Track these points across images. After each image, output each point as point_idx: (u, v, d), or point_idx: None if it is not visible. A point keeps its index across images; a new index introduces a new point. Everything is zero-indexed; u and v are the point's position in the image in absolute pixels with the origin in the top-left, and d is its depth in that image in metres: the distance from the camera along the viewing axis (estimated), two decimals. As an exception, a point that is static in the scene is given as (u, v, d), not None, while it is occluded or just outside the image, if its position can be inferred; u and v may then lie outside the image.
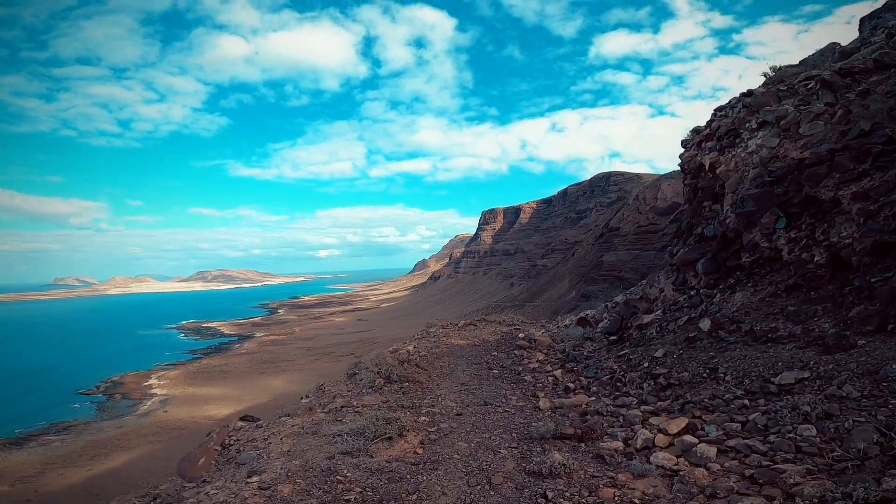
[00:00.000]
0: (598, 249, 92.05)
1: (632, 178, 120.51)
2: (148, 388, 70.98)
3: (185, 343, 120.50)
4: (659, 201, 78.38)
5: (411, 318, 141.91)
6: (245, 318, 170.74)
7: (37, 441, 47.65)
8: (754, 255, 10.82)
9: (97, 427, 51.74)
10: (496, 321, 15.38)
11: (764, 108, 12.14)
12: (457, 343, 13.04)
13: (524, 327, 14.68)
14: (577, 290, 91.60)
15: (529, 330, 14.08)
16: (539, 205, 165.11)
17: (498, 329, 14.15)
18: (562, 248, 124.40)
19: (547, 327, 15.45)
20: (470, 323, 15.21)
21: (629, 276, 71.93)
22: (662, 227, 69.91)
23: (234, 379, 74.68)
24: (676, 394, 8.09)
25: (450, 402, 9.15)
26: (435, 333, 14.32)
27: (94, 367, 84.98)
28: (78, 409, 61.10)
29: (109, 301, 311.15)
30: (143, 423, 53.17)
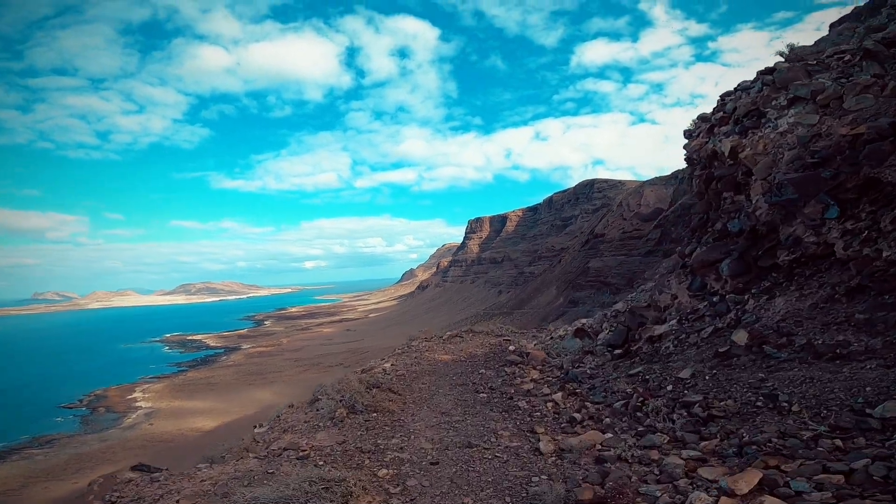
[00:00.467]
0: (585, 256, 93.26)
1: (615, 184, 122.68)
2: (132, 401, 69.72)
3: (170, 356, 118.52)
4: (642, 207, 79.93)
5: (399, 328, 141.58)
6: (231, 330, 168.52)
7: (19, 455, 46.53)
8: (795, 253, 9.07)
9: (81, 440, 50.70)
10: (484, 332, 14.57)
11: (794, 84, 10.64)
12: (440, 359, 11.73)
13: (514, 338, 13.76)
14: (564, 297, 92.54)
15: (520, 341, 13.12)
16: (525, 213, 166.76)
17: (486, 341, 13.23)
18: (548, 256, 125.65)
19: (539, 338, 14.43)
20: (456, 335, 14.31)
21: (615, 282, 73.09)
22: (646, 233, 71.35)
23: (220, 391, 73.75)
24: (725, 430, 6.17)
25: (424, 441, 7.32)
26: (417, 348, 13.22)
27: (76, 381, 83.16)
28: (61, 422, 59.74)
29: (91, 315, 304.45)
30: (127, 436, 52.26)
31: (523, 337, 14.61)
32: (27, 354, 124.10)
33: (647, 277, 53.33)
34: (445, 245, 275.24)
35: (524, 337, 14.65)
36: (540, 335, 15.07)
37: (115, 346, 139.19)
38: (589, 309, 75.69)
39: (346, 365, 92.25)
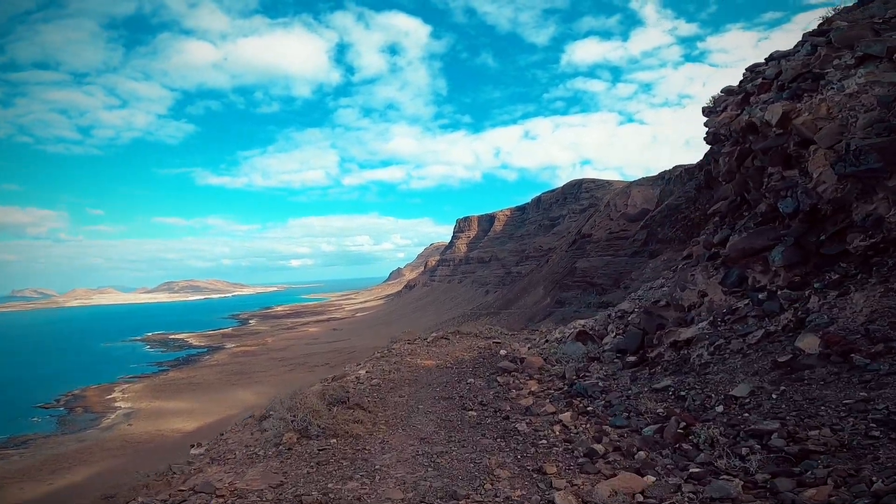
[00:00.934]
0: (572, 256, 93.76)
1: (603, 184, 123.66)
2: (111, 401, 68.25)
3: (151, 355, 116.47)
4: (629, 208, 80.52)
5: (386, 327, 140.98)
6: (215, 329, 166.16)
7: (-6, 454, 45.28)
8: (875, 237, 7.52)
9: (58, 441, 49.45)
10: (472, 334, 13.81)
11: (862, 42, 9.48)
12: (423, 364, 10.67)
13: (505, 340, 12.92)
14: (551, 297, 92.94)
15: (512, 345, 12.08)
16: (513, 212, 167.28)
17: (474, 344, 12.42)
18: (536, 255, 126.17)
19: (532, 339, 13.50)
20: (442, 336, 13.58)
21: (601, 282, 73.59)
22: (633, 233, 71.91)
23: (202, 391, 72.55)
24: (837, 472, 4.31)
25: (393, 486, 5.52)
26: (398, 351, 12.27)
27: (53, 381, 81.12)
28: (37, 422, 58.19)
29: (70, 313, 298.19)
30: (106, 436, 51.10)
31: (514, 339, 13.78)
32: (2, 353, 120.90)
33: (633, 278, 53.83)
34: (433, 244, 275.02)
35: (515, 339, 13.85)
36: (532, 337, 14.16)
37: (94, 344, 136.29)
38: (576, 309, 76.03)
39: (332, 364, 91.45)
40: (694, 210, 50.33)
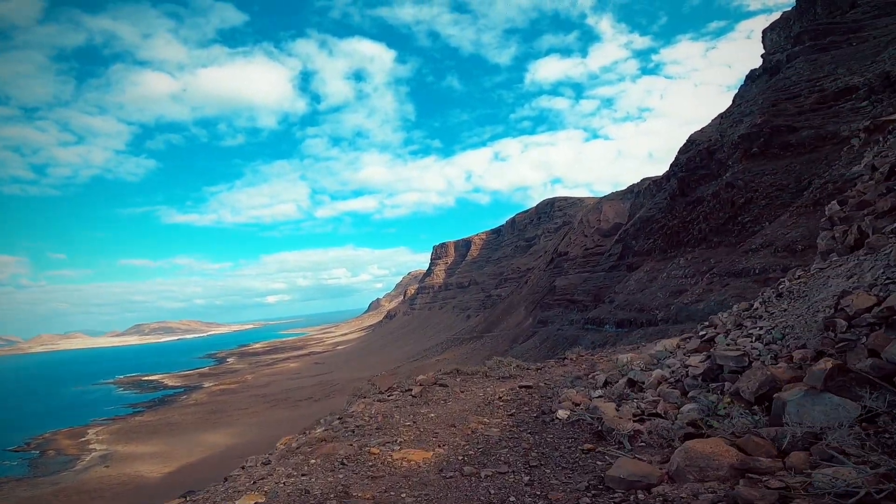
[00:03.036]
0: (550, 275, 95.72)
1: (575, 202, 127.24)
2: (85, 443, 65.51)
3: (125, 397, 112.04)
4: (602, 223, 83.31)
5: (370, 358, 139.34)
6: (191, 369, 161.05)
7: (-37, 502, 42.91)
8: None
9: (31, 483, 47.27)
10: (480, 373, 11.13)
11: None
12: (406, 463, 5.81)
13: (538, 380, 9.77)
14: (533, 317, 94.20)
15: (566, 393, 8.18)
16: (489, 235, 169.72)
17: (492, 392, 9.03)
18: (514, 277, 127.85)
19: (586, 379, 9.54)
20: (435, 382, 10.14)
21: (581, 299, 75.28)
22: (608, 248, 74.26)
23: (180, 432, 70.32)
24: None
25: None
26: (362, 419, 7.87)
27: (22, 425, 77.39)
28: (7, 466, 55.45)
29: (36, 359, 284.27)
30: (82, 478, 49.08)
31: (546, 375, 10.44)
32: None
33: (617, 291, 55.47)
34: (411, 273, 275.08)
35: (547, 374, 10.60)
36: (578, 373, 10.17)
37: (63, 389, 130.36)
38: (559, 327, 77.44)
39: (316, 399, 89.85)
40: (671, 218, 52.93)
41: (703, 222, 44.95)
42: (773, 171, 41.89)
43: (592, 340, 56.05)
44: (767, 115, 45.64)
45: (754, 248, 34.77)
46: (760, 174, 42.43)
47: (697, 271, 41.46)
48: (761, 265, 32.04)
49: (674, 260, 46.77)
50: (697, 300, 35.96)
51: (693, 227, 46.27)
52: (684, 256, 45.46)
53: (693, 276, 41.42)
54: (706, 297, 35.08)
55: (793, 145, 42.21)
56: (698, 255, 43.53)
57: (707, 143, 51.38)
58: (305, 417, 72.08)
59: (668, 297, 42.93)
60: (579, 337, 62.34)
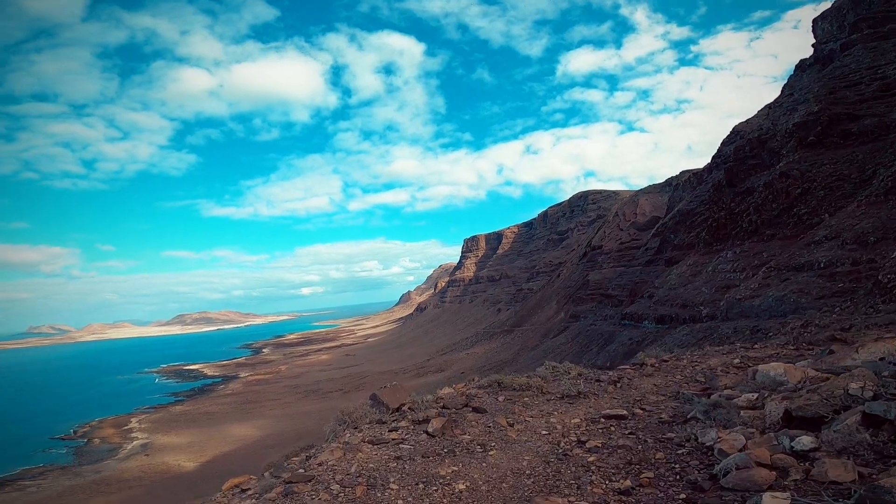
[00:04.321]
0: (583, 269, 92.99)
1: (609, 195, 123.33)
2: (128, 432, 68.00)
3: (167, 386, 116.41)
4: (638, 217, 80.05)
5: (400, 351, 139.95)
6: (228, 359, 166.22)
7: (11, 486, 45.05)
8: None
9: (75, 472, 49.12)
10: (534, 387, 8.57)
11: None
12: None
13: (627, 399, 7.85)
14: (565, 312, 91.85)
15: (712, 437, 5.34)
16: (520, 229, 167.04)
17: (564, 423, 6.89)
18: (546, 271, 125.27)
19: (760, 414, 5.88)
20: (466, 403, 7.76)
21: (616, 294, 72.61)
22: (645, 242, 71.21)
23: (217, 422, 72.04)
24: None
25: None
26: (327, 487, 5.20)
27: (71, 413, 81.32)
28: (54, 454, 58.12)
29: (86, 347, 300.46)
30: (123, 467, 50.67)
31: (638, 392, 8.26)
32: (22, 388, 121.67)
33: (657, 286, 52.98)
34: (442, 266, 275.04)
35: (646, 394, 8.21)
36: (751, 398, 6.42)
37: (110, 377, 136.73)
38: (592, 322, 75.05)
39: (346, 391, 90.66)
40: (717, 210, 49.92)
41: (753, 214, 41.93)
42: (832, 161, 38.77)
43: (630, 337, 53.72)
44: (824, 104, 42.52)
45: (817, 241, 31.93)
46: (818, 164, 39.31)
47: (748, 265, 38.68)
48: (827, 258, 29.30)
49: (720, 253, 43.95)
50: (752, 296, 33.39)
51: (742, 219, 43.31)
52: (732, 250, 42.60)
53: (743, 271, 38.68)
54: (762, 292, 32.47)
55: (854, 134, 39.25)
56: (748, 249, 40.67)
57: (758, 133, 48.18)
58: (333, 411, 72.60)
59: (715, 292, 40.33)
60: (615, 333, 60.00)
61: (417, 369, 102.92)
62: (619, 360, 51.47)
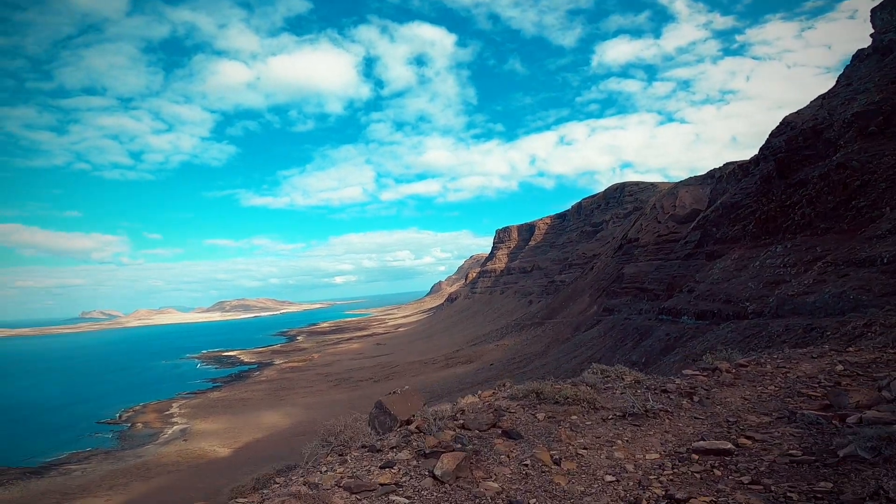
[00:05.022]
0: (618, 262, 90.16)
1: (647, 187, 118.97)
2: (168, 416, 70.66)
3: (207, 372, 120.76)
4: (678, 209, 76.62)
5: (429, 341, 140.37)
6: (264, 346, 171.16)
7: (57, 470, 47.32)
8: None
9: (118, 456, 51.26)
10: (584, 401, 6.99)
11: None
12: None
13: (719, 420, 6.26)
14: (598, 305, 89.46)
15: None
16: (553, 220, 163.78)
17: (635, 460, 5.24)
18: (579, 263, 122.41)
19: None
20: (494, 423, 6.38)
21: (653, 287, 69.96)
22: (684, 235, 68.11)
23: (252, 408, 73.95)
24: None
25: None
26: None
27: (118, 398, 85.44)
28: (100, 438, 60.95)
29: (133, 333, 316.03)
30: (162, 452, 52.55)
31: (730, 411, 6.61)
32: (74, 372, 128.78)
33: (698, 280, 50.48)
34: (473, 256, 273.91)
35: (742, 411, 6.57)
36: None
37: (156, 362, 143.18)
38: (626, 316, 72.66)
39: (375, 380, 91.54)
40: (766, 203, 46.91)
41: (806, 206, 38.91)
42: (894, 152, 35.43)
43: (667, 332, 51.49)
44: (886, 93, 39.04)
45: (881, 235, 29.16)
46: (879, 155, 35.99)
47: (800, 260, 35.99)
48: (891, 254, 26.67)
49: (769, 247, 41.15)
50: (806, 292, 30.94)
51: (794, 212, 40.30)
52: (782, 244, 39.77)
53: (794, 266, 36.02)
54: (818, 288, 30.00)
55: (918, 125, 35.76)
56: (801, 243, 37.83)
57: (812, 123, 44.81)
58: (363, 399, 73.55)
59: (763, 287, 37.80)
60: (652, 328, 57.77)
61: (446, 360, 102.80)
62: (655, 356, 49.39)
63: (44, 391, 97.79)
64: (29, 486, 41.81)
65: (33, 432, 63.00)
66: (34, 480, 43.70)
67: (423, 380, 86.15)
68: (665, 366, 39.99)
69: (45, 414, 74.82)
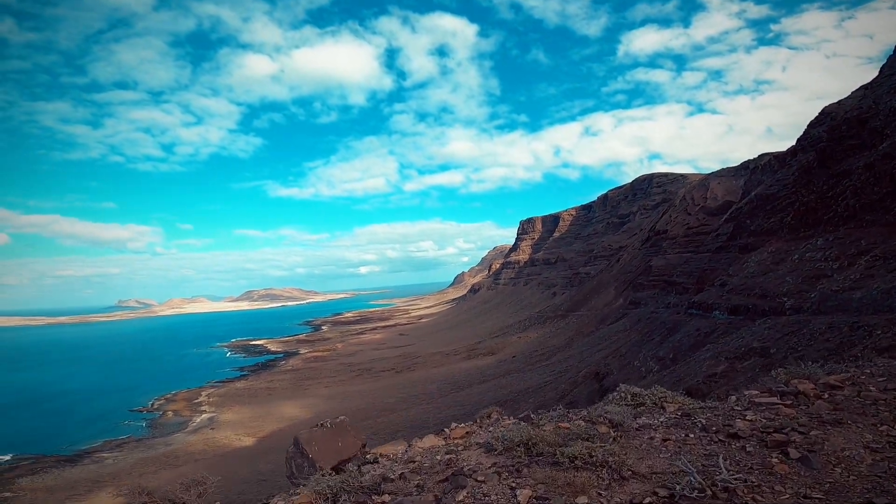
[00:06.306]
0: (646, 254, 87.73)
1: (676, 178, 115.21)
2: (198, 405, 72.52)
3: (234, 361, 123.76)
4: (709, 201, 73.77)
5: (452, 332, 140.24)
6: (290, 335, 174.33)
7: (90, 458, 49.01)
8: None
9: (148, 444, 52.78)
10: (594, 465, 4.58)
11: None
12: None
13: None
14: (624, 297, 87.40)
15: None
16: (578, 211, 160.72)
17: None
18: (605, 255, 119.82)
19: None
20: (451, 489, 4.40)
21: (682, 281, 67.73)
22: (715, 228, 65.54)
23: (278, 397, 75.26)
24: None
25: None
26: None
27: (149, 385, 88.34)
28: (130, 426, 63.01)
29: (167, 321, 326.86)
30: (190, 440, 53.87)
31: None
32: (109, 361, 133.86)
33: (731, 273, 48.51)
34: (497, 247, 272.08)
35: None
36: None
37: (188, 351, 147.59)
38: (653, 309, 70.65)
39: (398, 370, 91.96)
40: (806, 194, 44.51)
41: (850, 198, 36.55)
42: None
43: (697, 327, 49.63)
44: None
45: (935, 230, 27.17)
46: (932, 138, 33.46)
47: (843, 253, 33.87)
48: (947, 250, 24.78)
49: (809, 240, 38.94)
50: (852, 287, 29.05)
51: (837, 204, 37.94)
52: (823, 236, 37.55)
53: (837, 259, 33.93)
54: (865, 283, 28.10)
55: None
56: (844, 235, 35.61)
57: (856, 112, 42.01)
58: (385, 390, 73.96)
59: (802, 282, 35.80)
60: (680, 322, 55.86)
61: (468, 351, 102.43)
62: (684, 352, 47.68)
63: (80, 379, 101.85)
64: (63, 474, 43.43)
65: (69, 421, 65.62)
66: (68, 469, 45.40)
67: (444, 371, 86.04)
68: (695, 362, 38.52)
69: (81, 402, 77.83)
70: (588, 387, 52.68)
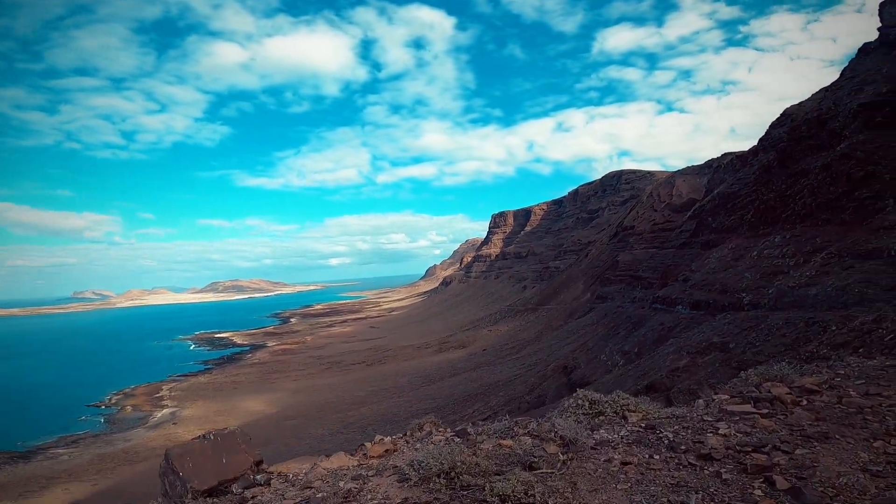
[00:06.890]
0: (613, 249, 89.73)
1: (644, 175, 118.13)
2: (158, 400, 70.14)
3: (198, 354, 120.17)
4: (674, 198, 75.96)
5: (423, 325, 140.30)
6: (257, 327, 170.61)
7: (44, 454, 46.78)
8: None
9: (106, 440, 50.75)
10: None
11: None
12: None
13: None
14: (592, 292, 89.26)
15: None
16: (550, 206, 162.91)
17: None
18: (575, 250, 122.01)
19: None
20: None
21: (647, 276, 69.59)
22: (680, 224, 67.56)
23: (244, 391, 73.57)
24: None
25: None
26: None
27: (107, 380, 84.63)
28: (87, 421, 60.36)
29: (125, 313, 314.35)
30: (150, 435, 52.10)
31: None
32: (61, 353, 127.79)
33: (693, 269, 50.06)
34: (469, 240, 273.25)
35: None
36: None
37: (146, 344, 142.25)
38: (619, 304, 72.42)
39: (368, 363, 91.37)
40: (766, 192, 46.18)
41: (808, 197, 38.24)
42: (900, 142, 34.60)
43: (661, 322, 51.11)
44: (894, 84, 37.93)
45: (887, 227, 28.59)
46: (885, 146, 35.19)
47: (799, 251, 35.44)
48: (898, 246, 26.17)
49: (767, 238, 40.59)
50: (808, 284, 30.36)
51: (795, 202, 39.65)
52: (781, 234, 39.21)
53: (794, 257, 35.48)
54: (820, 280, 29.40)
55: (927, 115, 34.81)
56: (800, 233, 37.26)
57: (816, 113, 43.87)
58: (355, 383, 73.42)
59: (760, 278, 37.30)
60: (645, 317, 57.44)
61: (440, 344, 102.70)
62: (648, 346, 49.04)
63: (33, 374, 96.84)
64: (15, 471, 41.27)
65: (22, 416, 62.24)
66: (21, 465, 43.16)
67: (415, 364, 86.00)
68: (659, 357, 39.60)
69: (35, 397, 74.03)
70: (556, 380, 53.58)
